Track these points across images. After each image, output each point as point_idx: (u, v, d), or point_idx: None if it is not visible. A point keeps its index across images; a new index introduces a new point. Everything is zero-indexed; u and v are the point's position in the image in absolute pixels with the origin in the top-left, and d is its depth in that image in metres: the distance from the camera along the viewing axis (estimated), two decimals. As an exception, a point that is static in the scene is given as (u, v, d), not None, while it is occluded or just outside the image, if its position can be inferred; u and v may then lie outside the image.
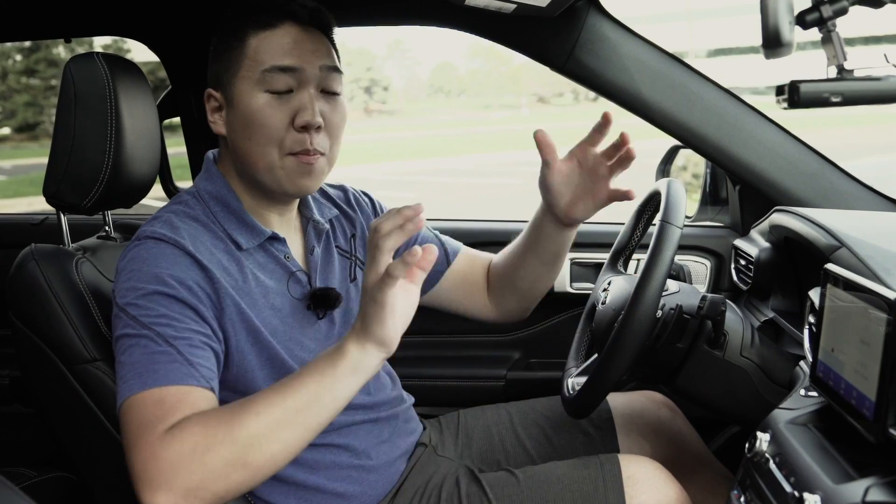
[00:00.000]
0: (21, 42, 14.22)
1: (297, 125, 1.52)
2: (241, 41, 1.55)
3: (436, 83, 62.02)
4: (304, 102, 1.53)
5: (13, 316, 1.63)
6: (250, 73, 1.53)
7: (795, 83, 1.38)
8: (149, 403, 1.32)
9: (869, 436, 1.16)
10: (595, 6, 2.13)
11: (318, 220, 1.72)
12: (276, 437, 1.30)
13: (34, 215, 2.81)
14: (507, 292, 1.93)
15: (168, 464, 1.25)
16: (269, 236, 1.61)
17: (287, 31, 1.55)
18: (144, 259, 1.45)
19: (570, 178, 1.73)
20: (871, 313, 1.18)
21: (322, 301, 1.65)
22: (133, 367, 1.35)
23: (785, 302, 2.03)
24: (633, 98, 2.16)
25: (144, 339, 1.37)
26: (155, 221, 1.52)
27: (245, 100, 1.53)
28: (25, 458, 2.26)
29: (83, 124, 1.67)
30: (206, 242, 1.52)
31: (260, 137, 1.53)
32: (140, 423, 1.30)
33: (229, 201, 1.59)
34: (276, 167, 1.54)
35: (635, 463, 1.65)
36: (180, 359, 1.37)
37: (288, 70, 1.53)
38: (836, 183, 2.16)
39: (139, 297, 1.40)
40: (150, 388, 1.33)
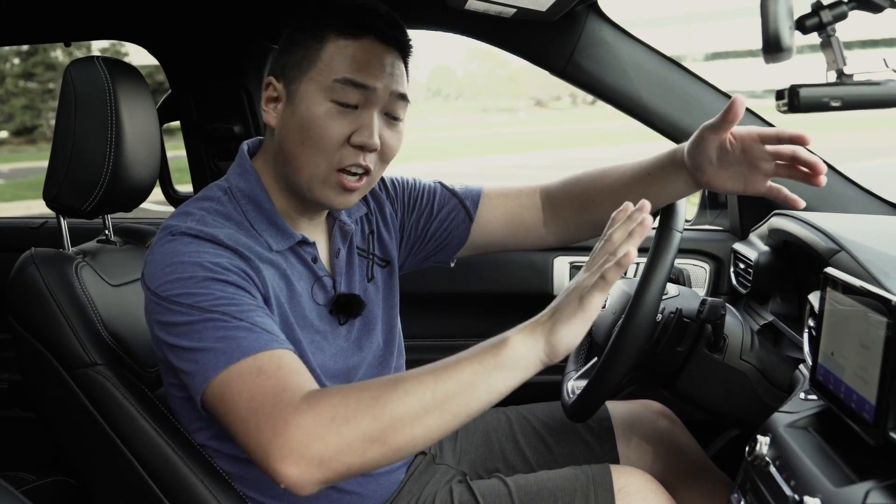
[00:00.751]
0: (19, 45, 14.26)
1: (355, 143, 1.49)
2: (320, 42, 1.50)
3: (433, 86, 62.01)
4: (366, 122, 1.49)
5: (13, 320, 1.63)
6: (320, 78, 1.49)
7: (795, 87, 1.38)
8: (248, 375, 1.28)
9: (869, 439, 1.16)
10: (594, 10, 2.14)
11: (344, 222, 1.69)
12: (421, 420, 1.24)
13: (33, 219, 2.81)
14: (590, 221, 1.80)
15: (304, 432, 1.21)
16: (298, 240, 1.58)
17: (369, 45, 1.51)
18: (184, 252, 1.41)
19: (726, 153, 1.57)
20: (870, 317, 1.18)
21: (346, 308, 1.64)
22: (211, 349, 1.32)
23: (784, 305, 2.04)
24: (631, 102, 2.17)
25: (211, 321, 1.33)
26: (187, 217, 1.48)
27: (308, 103, 1.49)
28: (25, 462, 2.26)
29: (83, 128, 1.67)
30: (242, 239, 1.48)
31: (314, 146, 1.49)
32: (253, 394, 1.26)
33: (262, 202, 1.56)
34: (318, 178, 1.51)
35: (626, 475, 1.65)
36: (257, 329, 1.33)
37: (360, 86, 1.48)
38: (834, 186, 2.16)
39: (191, 286, 1.36)
40: (242, 359, 1.29)
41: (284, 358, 1.32)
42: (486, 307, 2.61)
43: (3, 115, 29.21)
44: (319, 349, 1.58)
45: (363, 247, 1.76)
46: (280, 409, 1.24)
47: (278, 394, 1.26)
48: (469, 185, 1.89)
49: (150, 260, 1.44)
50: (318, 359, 1.57)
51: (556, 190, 1.85)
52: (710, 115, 2.13)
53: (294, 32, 1.55)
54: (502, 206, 1.86)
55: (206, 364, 1.31)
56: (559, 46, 2.15)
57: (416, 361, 2.48)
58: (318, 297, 1.61)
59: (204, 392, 1.32)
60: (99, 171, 1.67)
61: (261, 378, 1.28)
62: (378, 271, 1.77)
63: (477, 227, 1.85)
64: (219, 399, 1.30)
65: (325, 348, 1.60)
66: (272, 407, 1.24)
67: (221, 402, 1.30)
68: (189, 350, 1.34)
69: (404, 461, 1.77)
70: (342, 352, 1.63)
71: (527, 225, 1.86)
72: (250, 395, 1.27)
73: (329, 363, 1.59)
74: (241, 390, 1.27)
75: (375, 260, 1.78)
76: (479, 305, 2.63)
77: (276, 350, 1.32)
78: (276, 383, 1.27)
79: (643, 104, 2.15)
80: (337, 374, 1.61)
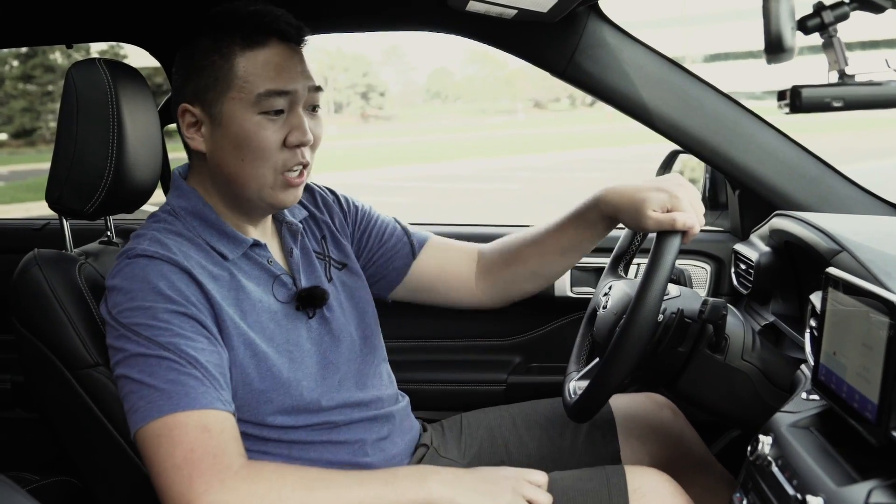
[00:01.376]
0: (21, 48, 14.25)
1: (291, 144, 1.54)
2: (227, 59, 1.53)
3: (432, 88, 62.05)
4: (297, 122, 1.55)
5: (16, 321, 1.63)
6: (243, 95, 1.52)
7: (797, 88, 1.39)
8: (192, 428, 1.36)
9: (871, 438, 1.17)
10: (595, 11, 2.14)
11: (290, 222, 1.73)
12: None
13: (35, 220, 2.81)
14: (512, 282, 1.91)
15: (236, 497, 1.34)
16: (251, 244, 1.62)
17: (275, 50, 1.55)
18: (142, 277, 1.45)
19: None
20: (872, 317, 1.19)
21: (309, 300, 1.66)
22: (160, 389, 1.38)
23: (785, 306, 2.04)
24: (632, 103, 2.17)
25: (165, 360, 1.39)
26: (141, 239, 1.53)
27: (237, 121, 1.53)
28: (27, 463, 2.27)
29: (86, 130, 1.68)
30: (194, 256, 1.53)
31: (254, 158, 1.53)
32: (193, 447, 1.35)
33: (206, 214, 1.60)
34: (267, 186, 1.56)
35: (641, 475, 1.65)
36: (208, 382, 1.40)
37: (282, 93, 1.53)
38: (835, 187, 2.17)
39: (150, 317, 1.42)
40: (188, 411, 1.37)
41: (228, 422, 1.41)
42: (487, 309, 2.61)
43: (3, 118, 29.20)
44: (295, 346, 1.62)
45: (319, 250, 1.80)
46: (219, 469, 1.34)
47: (218, 455, 1.36)
48: (419, 230, 1.98)
49: (110, 285, 1.50)
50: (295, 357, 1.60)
51: (489, 249, 1.95)
52: (711, 117, 2.15)
53: (195, 54, 1.57)
54: (443, 254, 1.95)
55: (151, 402, 1.38)
56: (560, 48, 2.16)
57: (416, 363, 2.50)
58: (280, 295, 1.64)
59: (141, 429, 1.38)
60: (101, 173, 1.68)
61: (205, 435, 1.36)
62: (336, 273, 1.80)
63: (416, 267, 1.92)
64: (154, 441, 1.37)
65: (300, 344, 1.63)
66: (210, 465, 1.34)
67: (157, 444, 1.37)
68: (137, 382, 1.40)
69: (407, 453, 1.79)
70: (317, 345, 1.66)
71: (461, 277, 1.94)
72: (190, 448, 1.35)
73: (307, 360, 1.62)
74: (182, 440, 1.35)
75: (332, 262, 1.81)
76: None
77: (222, 412, 1.41)
78: (218, 445, 1.37)
79: (644, 105, 2.16)
80: (315, 370, 1.64)
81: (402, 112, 54.00)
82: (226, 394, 1.44)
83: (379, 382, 1.78)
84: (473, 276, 1.94)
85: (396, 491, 1.44)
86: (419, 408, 1.91)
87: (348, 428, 1.66)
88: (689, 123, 2.16)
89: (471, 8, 1.94)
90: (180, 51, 1.60)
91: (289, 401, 1.57)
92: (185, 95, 1.58)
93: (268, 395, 1.54)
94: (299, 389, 1.58)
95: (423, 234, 1.96)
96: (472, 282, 1.94)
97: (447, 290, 1.95)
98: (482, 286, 1.94)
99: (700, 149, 2.17)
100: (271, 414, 1.56)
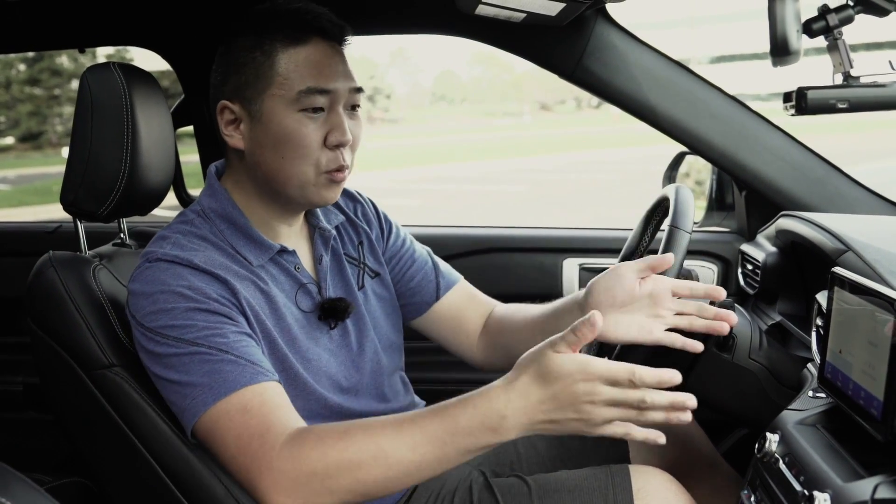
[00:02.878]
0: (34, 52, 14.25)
1: (331, 144, 1.53)
2: (268, 56, 1.53)
3: (438, 91, 61.98)
4: (337, 122, 1.54)
5: (32, 322, 1.64)
6: (283, 92, 1.52)
7: (803, 90, 1.41)
8: (234, 413, 1.38)
9: (877, 435, 1.18)
10: (603, 15, 2.16)
11: (324, 228, 1.71)
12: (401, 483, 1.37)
13: (48, 223, 2.83)
14: (501, 349, 1.86)
15: (286, 477, 1.34)
16: (277, 250, 1.61)
17: (316, 47, 1.54)
18: (162, 280, 1.46)
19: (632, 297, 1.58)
20: (878, 315, 1.20)
21: (331, 312, 1.65)
22: (199, 384, 1.40)
23: (792, 305, 2.05)
24: (640, 105, 2.19)
25: (198, 355, 1.40)
26: (163, 242, 1.53)
27: (278, 119, 1.52)
28: (40, 464, 2.28)
29: (100, 133, 1.68)
30: (218, 259, 1.52)
31: (295, 156, 1.53)
32: (239, 433, 1.37)
33: (235, 218, 1.59)
34: (309, 184, 1.55)
35: (645, 475, 1.65)
36: (242, 361, 1.41)
37: (323, 91, 1.52)
38: (841, 188, 2.18)
39: (174, 318, 1.43)
40: (227, 396, 1.38)
41: (267, 392, 1.41)
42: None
43: (9, 121, 29.25)
44: (315, 354, 1.61)
45: (355, 255, 1.79)
46: (265, 451, 1.35)
47: (262, 434, 1.36)
48: (450, 270, 1.94)
49: (132, 289, 1.50)
50: (313, 364, 1.60)
51: (497, 310, 1.92)
52: (717, 118, 2.17)
53: (235, 52, 1.57)
54: (464, 304, 1.92)
55: (195, 399, 1.40)
56: (568, 50, 2.17)
57: (429, 364, 2.51)
58: (303, 304, 1.64)
59: (194, 427, 1.42)
60: (115, 176, 1.68)
61: (246, 417, 1.37)
62: (368, 281, 1.79)
63: (437, 307, 1.90)
64: (209, 435, 1.41)
65: (318, 353, 1.62)
66: (258, 448, 1.36)
67: (211, 437, 1.41)
68: (177, 384, 1.42)
69: None
70: (336, 356, 1.65)
71: (468, 330, 1.91)
72: (237, 435, 1.37)
73: (324, 368, 1.62)
74: (229, 428, 1.38)
75: (366, 269, 1.80)
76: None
77: (260, 384, 1.41)
78: (260, 422, 1.37)
79: (651, 107, 2.17)
80: (335, 380, 1.64)
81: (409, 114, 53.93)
82: (262, 365, 1.43)
83: (396, 393, 1.78)
84: (477, 334, 1.91)
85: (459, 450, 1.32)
86: (432, 408, 1.92)
87: None
88: (696, 125, 2.18)
89: (480, 12, 1.96)
90: (220, 49, 1.61)
91: (309, 406, 1.56)
92: (224, 93, 1.58)
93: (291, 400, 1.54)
94: (316, 396, 1.58)
95: (452, 276, 1.93)
96: (474, 339, 1.91)
97: (454, 336, 1.92)
98: (480, 346, 1.91)
99: (707, 150, 2.19)
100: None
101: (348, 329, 1.69)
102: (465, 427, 1.31)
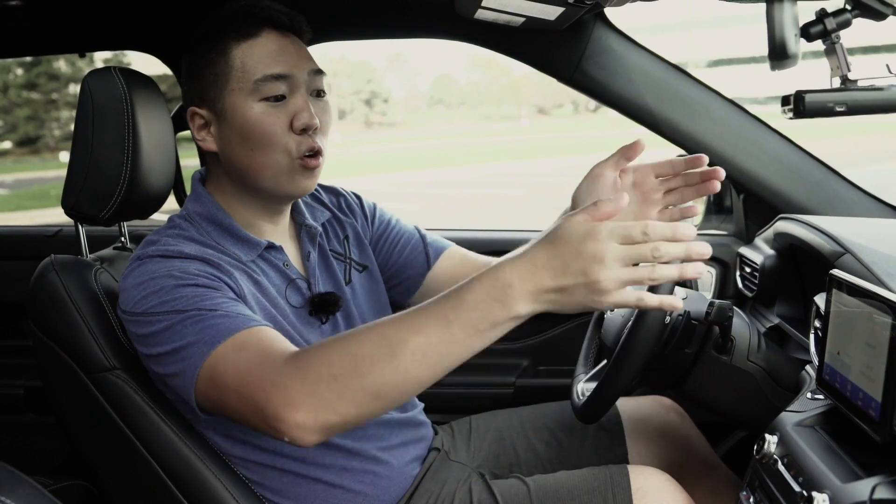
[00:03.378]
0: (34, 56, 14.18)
1: (297, 128, 1.55)
2: (224, 54, 1.56)
3: (436, 95, 62.04)
4: (300, 106, 1.56)
5: (34, 326, 1.64)
6: (241, 85, 1.55)
7: (801, 93, 1.41)
8: (231, 354, 1.33)
9: (875, 436, 1.19)
10: (601, 19, 2.17)
11: (310, 225, 1.74)
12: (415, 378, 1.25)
13: (48, 227, 2.83)
14: None
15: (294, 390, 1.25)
16: (265, 247, 1.63)
17: (269, 37, 1.57)
18: (151, 271, 1.46)
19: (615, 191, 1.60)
20: (875, 317, 1.21)
21: (322, 306, 1.67)
22: (194, 342, 1.36)
23: (790, 308, 2.06)
24: (638, 109, 2.20)
25: (189, 319, 1.38)
26: (153, 244, 1.53)
27: (240, 112, 1.55)
28: (41, 467, 2.28)
29: (101, 137, 1.69)
30: (208, 252, 1.53)
31: (263, 146, 1.55)
32: (238, 368, 1.31)
33: (220, 219, 1.61)
34: (283, 173, 1.57)
35: (644, 475, 1.66)
36: (232, 314, 1.39)
37: (280, 77, 1.55)
38: (839, 191, 2.19)
39: (163, 295, 1.42)
40: (223, 342, 1.34)
41: (263, 332, 1.37)
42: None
43: (7, 126, 29.24)
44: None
45: (340, 251, 1.81)
46: (266, 373, 1.29)
47: (262, 361, 1.31)
48: (439, 239, 1.96)
49: (122, 287, 1.51)
50: None
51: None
52: (715, 122, 2.18)
53: (196, 58, 1.61)
54: (458, 267, 1.92)
55: (191, 356, 1.37)
56: (567, 54, 2.18)
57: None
58: (293, 300, 1.65)
59: (196, 384, 1.37)
60: (116, 180, 1.69)
61: (243, 353, 1.33)
62: (356, 276, 1.81)
63: (431, 277, 1.91)
64: (210, 384, 1.35)
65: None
66: (259, 373, 1.29)
67: (213, 386, 1.35)
68: (172, 352, 1.40)
69: (418, 458, 1.79)
70: None
71: None
72: (236, 370, 1.32)
73: None
74: (227, 369, 1.33)
75: (353, 264, 1.82)
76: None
77: (254, 327, 1.37)
78: (258, 353, 1.32)
79: (650, 111, 2.18)
80: None
81: (406, 118, 54.00)
82: (254, 317, 1.41)
83: None
84: None
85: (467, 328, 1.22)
86: (429, 410, 1.93)
87: (363, 434, 1.67)
88: (694, 129, 2.19)
89: (479, 16, 1.96)
90: (182, 60, 1.64)
91: None
92: (191, 99, 1.62)
93: None
94: None
95: (441, 243, 1.95)
96: None
97: None
98: None
99: (704, 153, 2.19)
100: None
101: (339, 323, 1.71)
102: (470, 301, 1.22)
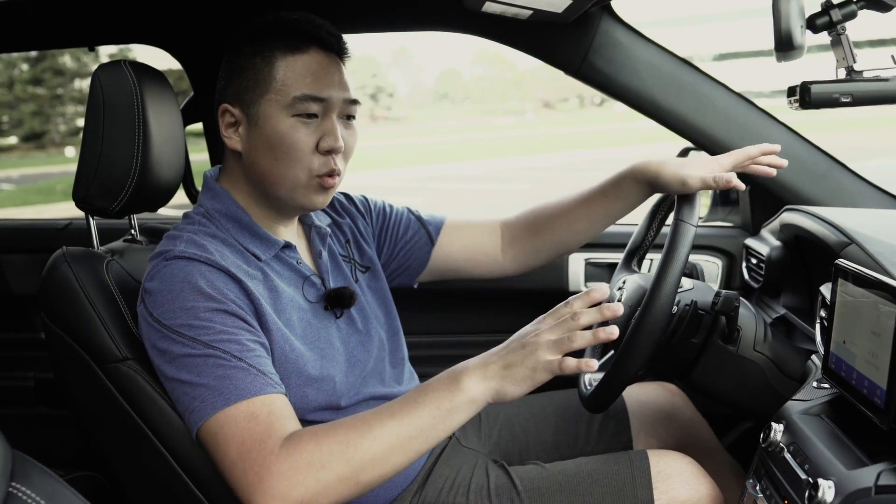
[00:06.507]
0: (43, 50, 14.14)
1: (323, 149, 1.57)
2: (268, 63, 1.58)
3: (440, 89, 61.92)
4: (329, 128, 1.58)
5: (46, 318, 1.65)
6: (279, 97, 1.56)
7: (807, 84, 1.42)
8: (241, 419, 1.40)
9: (881, 423, 1.20)
10: (608, 11, 2.18)
11: (319, 226, 1.77)
12: (388, 460, 1.40)
13: (58, 220, 2.85)
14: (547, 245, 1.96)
15: (284, 478, 1.35)
16: (282, 245, 1.65)
17: (315, 57, 1.59)
18: (182, 278, 1.48)
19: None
20: (881, 306, 1.22)
21: (338, 300, 1.69)
22: (210, 387, 1.41)
23: (796, 299, 2.07)
24: (645, 101, 2.21)
25: (212, 358, 1.42)
26: (177, 241, 1.55)
27: (273, 122, 1.57)
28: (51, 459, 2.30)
29: (111, 131, 1.70)
30: (230, 257, 1.55)
31: (287, 159, 1.57)
32: (243, 439, 1.38)
33: (239, 216, 1.63)
34: (300, 187, 1.59)
35: (665, 458, 1.68)
36: (254, 371, 1.43)
37: (317, 99, 1.57)
38: (844, 183, 2.20)
39: (192, 317, 1.44)
40: (237, 403, 1.40)
41: (275, 403, 1.44)
42: (502, 304, 2.64)
43: (13, 121, 29.25)
44: (327, 343, 1.65)
45: (344, 253, 1.84)
46: (264, 455, 1.37)
47: (264, 440, 1.38)
48: (434, 213, 2.01)
49: (149, 288, 1.51)
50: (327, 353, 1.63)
51: (514, 220, 1.99)
52: (722, 114, 2.18)
53: (238, 58, 1.62)
54: (463, 234, 1.99)
55: (204, 402, 1.42)
56: (574, 47, 2.19)
57: (435, 358, 2.53)
58: (310, 295, 1.67)
59: (199, 429, 1.43)
60: (127, 172, 1.70)
61: (251, 423, 1.40)
62: (361, 276, 1.84)
63: (437, 252, 1.96)
64: (212, 438, 1.42)
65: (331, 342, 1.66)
66: (257, 453, 1.37)
67: (214, 442, 1.41)
68: (187, 384, 1.44)
69: None
70: (346, 344, 1.69)
71: (486, 251, 1.98)
72: (240, 441, 1.39)
73: (338, 357, 1.65)
74: (234, 434, 1.40)
75: (357, 265, 1.85)
76: (495, 302, 2.67)
77: (270, 395, 1.44)
78: (265, 429, 1.40)
79: (657, 104, 2.19)
80: (344, 368, 1.66)
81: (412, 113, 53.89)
82: (273, 377, 1.46)
83: (402, 381, 1.82)
84: (499, 249, 1.98)
85: (431, 409, 1.41)
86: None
87: None
88: (701, 121, 2.20)
89: (487, 9, 1.97)
90: (225, 55, 1.65)
91: (322, 397, 1.59)
92: (226, 96, 1.63)
93: (304, 390, 1.56)
94: (331, 385, 1.61)
95: (437, 217, 1.99)
96: (498, 254, 1.98)
97: (473, 266, 1.99)
98: (509, 256, 1.98)
99: (712, 146, 2.20)
100: (311, 411, 1.58)
101: (353, 317, 1.73)
102: (433, 385, 1.44)
